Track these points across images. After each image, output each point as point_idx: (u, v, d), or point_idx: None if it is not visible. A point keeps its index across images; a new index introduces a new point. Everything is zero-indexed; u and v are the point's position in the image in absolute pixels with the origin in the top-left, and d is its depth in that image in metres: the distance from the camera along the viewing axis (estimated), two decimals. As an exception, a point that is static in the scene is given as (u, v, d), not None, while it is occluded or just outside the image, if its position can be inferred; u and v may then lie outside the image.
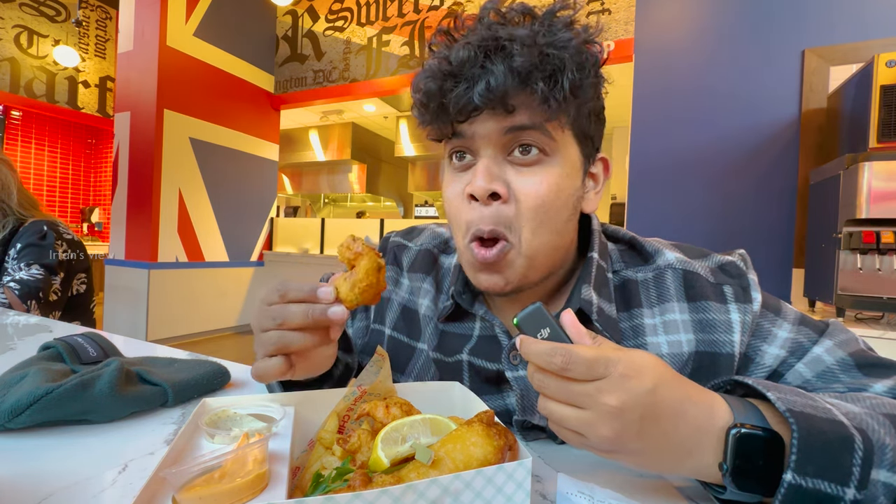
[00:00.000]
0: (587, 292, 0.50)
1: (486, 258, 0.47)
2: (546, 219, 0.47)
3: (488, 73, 0.43)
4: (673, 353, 0.49)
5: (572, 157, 0.48)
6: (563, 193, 0.47)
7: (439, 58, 0.46)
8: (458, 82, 0.44)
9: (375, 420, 0.38)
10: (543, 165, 0.47)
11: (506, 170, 0.47)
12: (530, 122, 0.45)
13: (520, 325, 0.38)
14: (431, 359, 0.58)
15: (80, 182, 6.41)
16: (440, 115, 0.47)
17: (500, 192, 0.46)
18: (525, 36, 0.43)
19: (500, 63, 0.43)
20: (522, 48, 0.42)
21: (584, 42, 0.45)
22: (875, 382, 0.44)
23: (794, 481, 0.32)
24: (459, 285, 0.56)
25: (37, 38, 5.34)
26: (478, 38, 0.44)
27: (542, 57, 0.43)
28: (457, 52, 0.44)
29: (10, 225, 1.48)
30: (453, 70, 0.44)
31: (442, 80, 0.45)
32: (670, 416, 0.34)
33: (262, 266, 4.92)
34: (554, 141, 0.46)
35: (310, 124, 6.63)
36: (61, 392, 0.50)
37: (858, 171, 1.44)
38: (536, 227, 0.46)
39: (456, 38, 0.47)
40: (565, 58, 0.43)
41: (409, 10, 4.16)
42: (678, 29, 2.26)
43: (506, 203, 0.46)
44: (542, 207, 0.46)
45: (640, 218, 2.31)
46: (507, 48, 0.43)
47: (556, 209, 0.47)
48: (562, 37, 0.44)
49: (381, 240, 0.72)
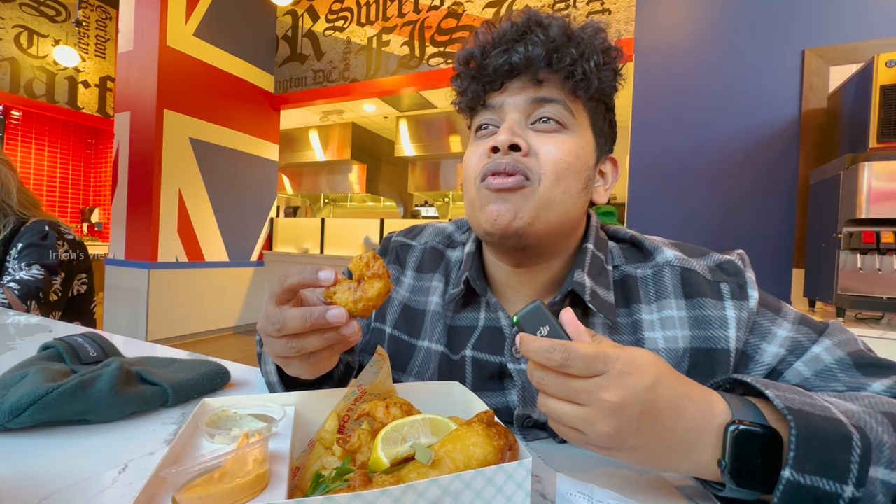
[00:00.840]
0: (580, 276, 0.52)
1: (504, 184, 0.49)
2: (563, 177, 0.50)
3: (527, 41, 0.49)
4: (669, 349, 0.50)
5: (588, 138, 0.53)
6: (579, 161, 0.51)
7: (483, 34, 0.53)
8: (498, 47, 0.51)
9: (375, 420, 0.38)
10: (562, 134, 0.51)
11: (528, 133, 0.51)
12: (555, 96, 0.50)
13: (519, 322, 0.38)
14: (436, 355, 0.59)
15: (80, 182, 6.41)
16: (477, 79, 0.53)
17: (521, 145, 0.49)
18: (561, 22, 0.50)
19: (538, 34, 0.49)
20: (558, 27, 0.50)
21: (608, 44, 0.52)
22: (873, 382, 0.44)
23: (792, 478, 0.32)
24: (474, 272, 0.58)
25: (37, 38, 5.34)
26: (521, 17, 0.52)
27: (572, 36, 0.50)
28: (501, 27, 0.52)
29: (11, 224, 1.48)
30: (495, 39, 0.51)
31: (483, 47, 0.52)
32: (669, 412, 0.34)
33: (262, 266, 4.92)
34: (573, 117, 0.51)
35: (310, 124, 6.63)
36: (61, 392, 0.50)
37: (858, 171, 1.44)
38: (554, 181, 0.49)
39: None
40: (594, 43, 0.50)
41: (409, 10, 4.16)
42: (678, 29, 2.26)
43: (526, 156, 0.50)
44: (559, 164, 0.49)
45: (640, 218, 2.31)
46: (544, 24, 0.50)
47: (573, 173, 0.50)
48: (588, 30, 0.51)
49: (383, 240, 0.72)
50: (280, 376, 0.53)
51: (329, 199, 7.80)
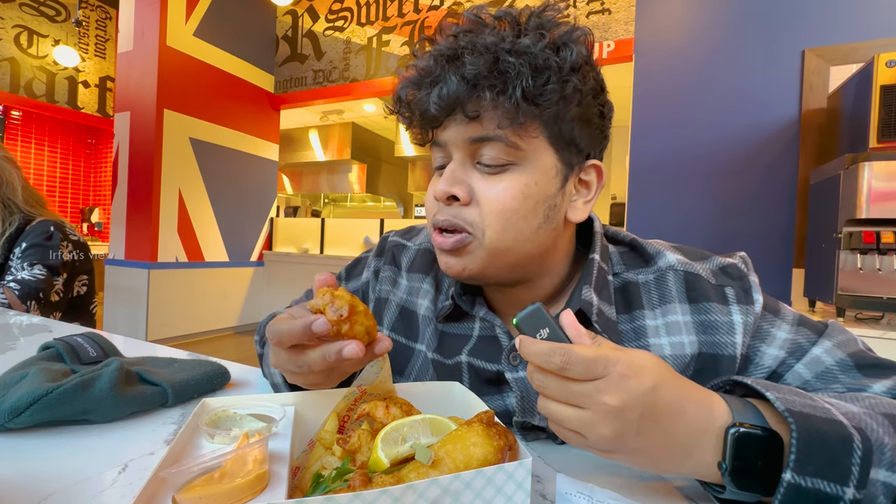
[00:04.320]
0: (587, 293, 0.49)
1: (443, 245, 0.48)
2: (510, 225, 0.46)
3: (441, 81, 0.44)
4: (675, 355, 0.49)
5: (545, 164, 0.47)
6: (529, 201, 0.46)
7: (414, 66, 0.48)
8: (420, 90, 0.46)
9: (375, 420, 0.38)
10: (510, 173, 0.46)
11: (472, 175, 0.48)
12: (493, 134, 0.45)
13: (519, 325, 0.38)
14: (430, 361, 0.58)
15: (80, 182, 6.41)
16: (412, 122, 0.49)
17: (459, 194, 0.46)
18: (484, 44, 0.43)
19: (452, 72, 0.44)
20: (474, 55, 0.43)
21: (555, 47, 0.44)
22: (874, 383, 0.44)
23: (793, 481, 0.32)
24: (458, 287, 0.56)
25: (37, 38, 5.34)
26: (440, 47, 0.46)
27: (491, 64, 0.42)
28: (423, 61, 0.46)
29: (17, 223, 1.48)
30: (417, 79, 0.47)
31: (409, 88, 0.48)
32: (670, 415, 0.34)
33: (262, 266, 4.92)
34: (520, 150, 0.46)
35: (310, 124, 6.63)
36: (61, 392, 0.50)
37: (858, 171, 1.44)
38: (501, 231, 0.46)
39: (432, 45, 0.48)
40: (517, 63, 0.42)
41: (409, 10, 4.16)
42: (678, 29, 2.26)
43: (466, 206, 0.47)
44: (504, 213, 0.46)
45: (640, 218, 2.31)
46: (460, 56, 0.43)
47: (522, 216, 0.46)
48: (523, 42, 0.43)
49: (380, 239, 0.71)
50: (284, 379, 0.53)
51: (329, 199, 7.80)
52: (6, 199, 1.48)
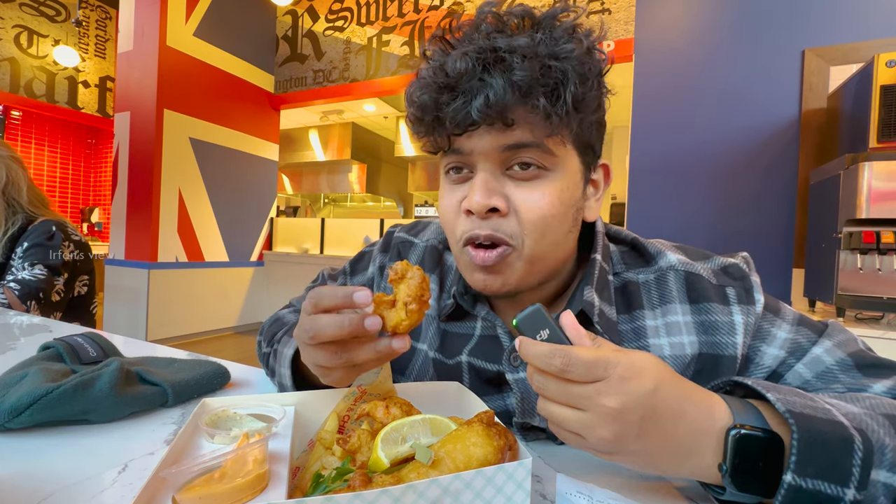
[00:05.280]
0: (589, 294, 0.49)
1: (486, 260, 0.46)
2: (548, 230, 0.46)
3: (487, 87, 0.41)
4: (675, 355, 0.49)
5: (573, 169, 0.47)
6: (563, 206, 0.46)
7: (434, 68, 0.44)
8: (456, 96, 0.42)
9: (375, 420, 0.38)
10: (543, 180, 0.45)
11: (505, 183, 0.46)
12: (530, 140, 0.43)
13: (519, 326, 0.37)
14: (431, 360, 0.58)
15: (80, 182, 6.41)
16: (436, 129, 0.45)
17: (500, 206, 0.45)
18: (525, 46, 0.41)
19: (499, 76, 0.40)
20: (523, 60, 0.40)
21: (587, 51, 0.44)
22: (874, 383, 0.44)
23: (793, 482, 0.32)
24: (460, 287, 0.56)
25: (37, 38, 5.34)
26: (475, 48, 0.42)
27: (543, 70, 0.41)
28: (453, 62, 0.42)
29: (20, 223, 1.48)
30: (450, 82, 0.42)
31: (438, 93, 0.43)
32: (670, 417, 0.34)
33: (262, 266, 4.92)
34: (555, 156, 0.45)
35: (310, 124, 6.63)
36: (61, 392, 0.50)
37: (858, 171, 1.44)
38: (539, 239, 0.46)
39: (452, 45, 0.45)
40: (568, 70, 0.41)
41: (409, 10, 4.16)
42: (678, 29, 2.26)
43: (505, 217, 0.45)
44: (543, 220, 0.45)
45: (641, 218, 2.31)
46: (506, 60, 0.41)
47: (558, 221, 0.46)
48: (564, 47, 0.42)
49: (385, 233, 0.71)
50: (294, 380, 0.53)
51: (329, 199, 7.80)
52: (11, 198, 1.48)
